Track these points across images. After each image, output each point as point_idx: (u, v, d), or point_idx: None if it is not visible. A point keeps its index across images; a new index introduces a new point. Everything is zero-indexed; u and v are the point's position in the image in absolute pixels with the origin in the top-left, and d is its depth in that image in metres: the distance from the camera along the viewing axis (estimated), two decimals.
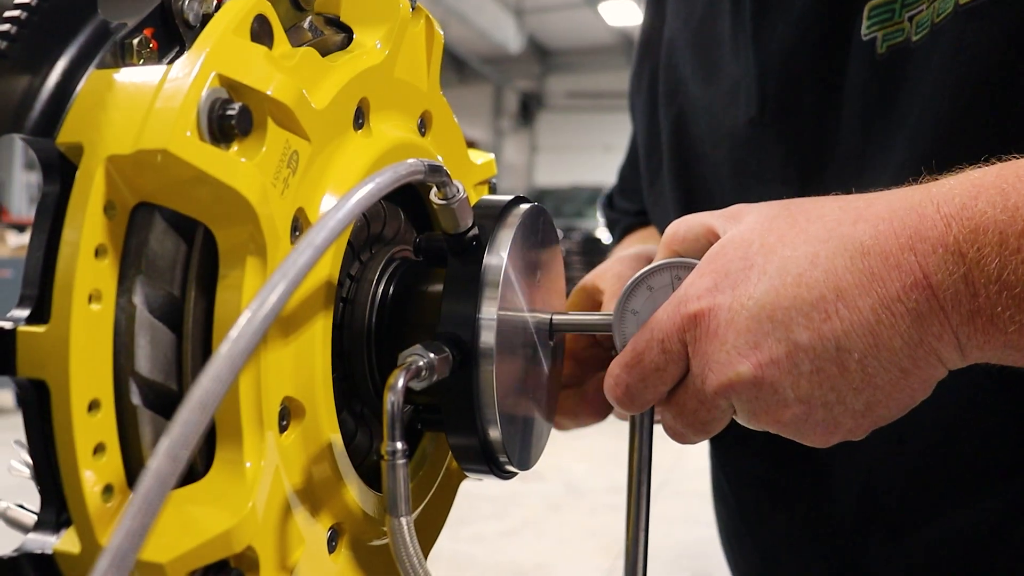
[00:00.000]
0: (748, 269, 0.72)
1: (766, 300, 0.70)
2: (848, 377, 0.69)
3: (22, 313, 0.57)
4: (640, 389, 0.76)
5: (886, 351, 0.68)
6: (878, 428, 0.74)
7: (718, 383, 0.72)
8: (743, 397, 0.72)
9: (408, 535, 0.65)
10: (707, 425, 0.76)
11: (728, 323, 0.71)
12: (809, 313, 0.69)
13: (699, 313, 0.72)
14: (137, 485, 0.41)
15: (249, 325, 0.46)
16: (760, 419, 0.73)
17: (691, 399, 0.75)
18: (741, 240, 0.75)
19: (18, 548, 0.57)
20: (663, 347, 0.74)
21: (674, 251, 0.81)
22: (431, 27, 0.82)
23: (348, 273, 0.74)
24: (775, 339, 0.70)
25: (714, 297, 0.72)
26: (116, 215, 0.58)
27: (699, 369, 0.73)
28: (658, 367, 0.75)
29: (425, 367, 0.65)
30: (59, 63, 0.60)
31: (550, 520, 5.84)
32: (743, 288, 0.71)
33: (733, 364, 0.71)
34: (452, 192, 0.69)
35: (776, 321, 0.70)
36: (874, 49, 0.97)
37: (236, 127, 0.58)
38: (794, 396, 0.70)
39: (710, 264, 0.75)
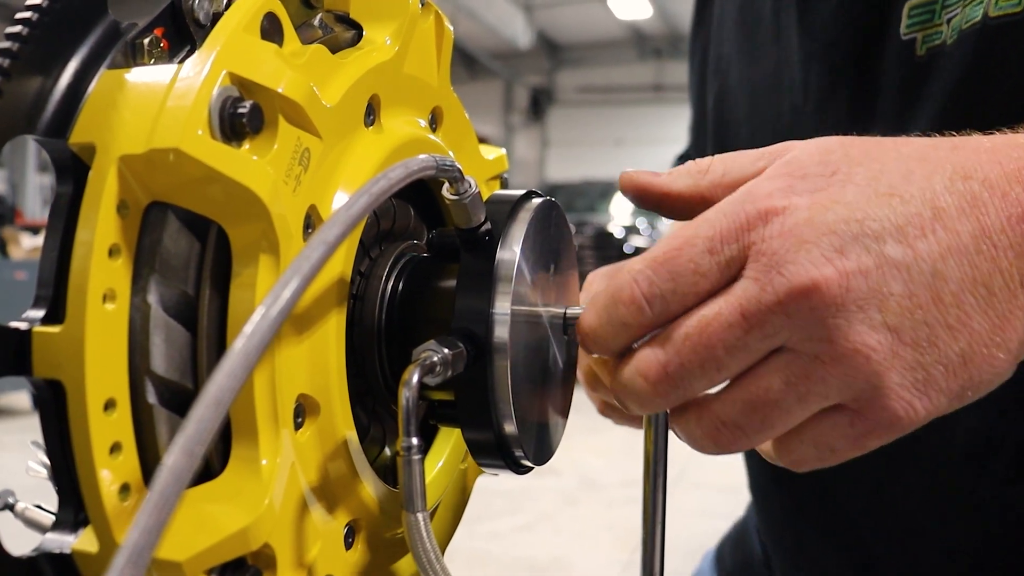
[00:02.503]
0: (831, 175, 0.62)
1: (855, 206, 0.60)
2: (942, 310, 0.59)
3: (37, 313, 0.57)
4: (663, 294, 0.62)
5: (983, 287, 0.60)
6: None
7: (788, 287, 0.58)
8: (815, 318, 0.58)
9: (425, 530, 0.65)
10: (726, 360, 0.61)
11: (808, 222, 0.60)
12: (903, 227, 0.60)
13: (771, 210, 0.61)
14: (153, 482, 0.41)
15: (263, 322, 0.46)
16: (834, 346, 0.59)
17: (729, 314, 0.60)
18: (818, 147, 0.65)
19: (36, 548, 0.58)
20: (711, 246, 0.61)
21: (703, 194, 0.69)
22: (440, 23, 0.82)
23: (359, 270, 0.74)
24: (864, 247, 0.59)
25: (790, 197, 0.61)
26: (129, 214, 0.58)
27: (760, 273, 0.59)
28: (697, 269, 0.61)
29: (439, 362, 0.65)
30: (70, 64, 0.60)
31: (566, 514, 5.85)
32: (827, 192, 0.61)
33: (814, 264, 0.58)
34: (464, 187, 0.69)
35: (866, 229, 0.59)
36: (914, 50, 0.96)
37: (248, 125, 0.58)
38: (881, 321, 0.58)
39: (781, 169, 0.64)
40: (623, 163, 1.23)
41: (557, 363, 0.81)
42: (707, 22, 1.36)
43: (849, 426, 0.62)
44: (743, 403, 0.62)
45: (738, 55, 1.24)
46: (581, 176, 17.89)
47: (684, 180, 0.69)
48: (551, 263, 0.78)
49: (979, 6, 0.89)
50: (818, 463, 0.65)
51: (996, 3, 0.88)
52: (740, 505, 1.55)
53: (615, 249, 10.70)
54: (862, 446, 0.63)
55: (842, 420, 0.62)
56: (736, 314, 0.60)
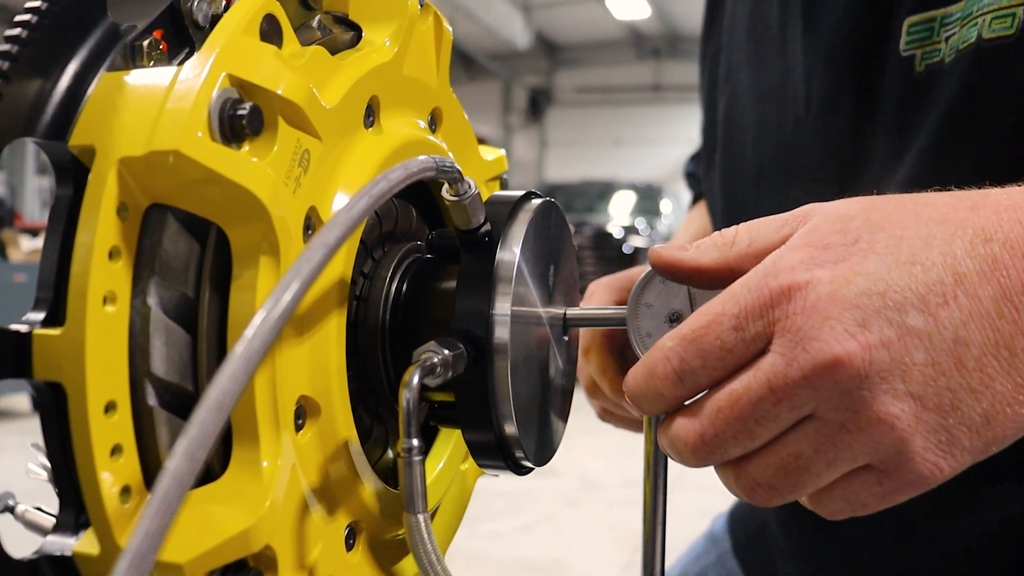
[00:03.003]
0: (852, 244, 0.63)
1: (877, 277, 0.61)
2: (965, 375, 0.61)
3: (37, 316, 0.57)
4: (693, 370, 0.64)
5: (1006, 350, 0.61)
6: None
7: (813, 363, 0.60)
8: (842, 385, 0.60)
9: (425, 531, 0.65)
10: (757, 431, 0.63)
11: (830, 297, 0.61)
12: (925, 296, 0.61)
13: (793, 286, 0.62)
14: (155, 485, 0.41)
15: (264, 324, 0.46)
16: (859, 417, 0.61)
17: (758, 389, 0.62)
18: (838, 215, 0.65)
19: (38, 550, 0.58)
20: (737, 323, 0.63)
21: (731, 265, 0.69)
22: (439, 24, 0.82)
23: (361, 271, 0.74)
24: (886, 320, 0.60)
25: (812, 270, 0.62)
26: (129, 217, 0.58)
27: (786, 349, 0.61)
28: (724, 346, 0.63)
29: (440, 364, 0.65)
30: (70, 66, 0.61)
31: (566, 515, 5.84)
32: (848, 263, 0.62)
33: (838, 340, 0.60)
34: (464, 188, 0.69)
35: (888, 300, 0.60)
36: (913, 67, 0.97)
37: (247, 127, 0.58)
38: (904, 388, 0.60)
39: (803, 239, 0.65)
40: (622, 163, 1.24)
41: (557, 364, 0.81)
42: (718, 27, 1.37)
43: (877, 484, 0.64)
44: (775, 467, 0.64)
45: (747, 62, 1.24)
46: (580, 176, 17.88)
47: (711, 254, 0.70)
48: (551, 264, 0.78)
49: (974, 28, 0.90)
50: (851, 514, 0.67)
51: (990, 25, 0.89)
52: None
53: (614, 249, 10.69)
54: (890, 501, 0.65)
55: (870, 479, 0.64)
56: (764, 388, 0.62)
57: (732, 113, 1.27)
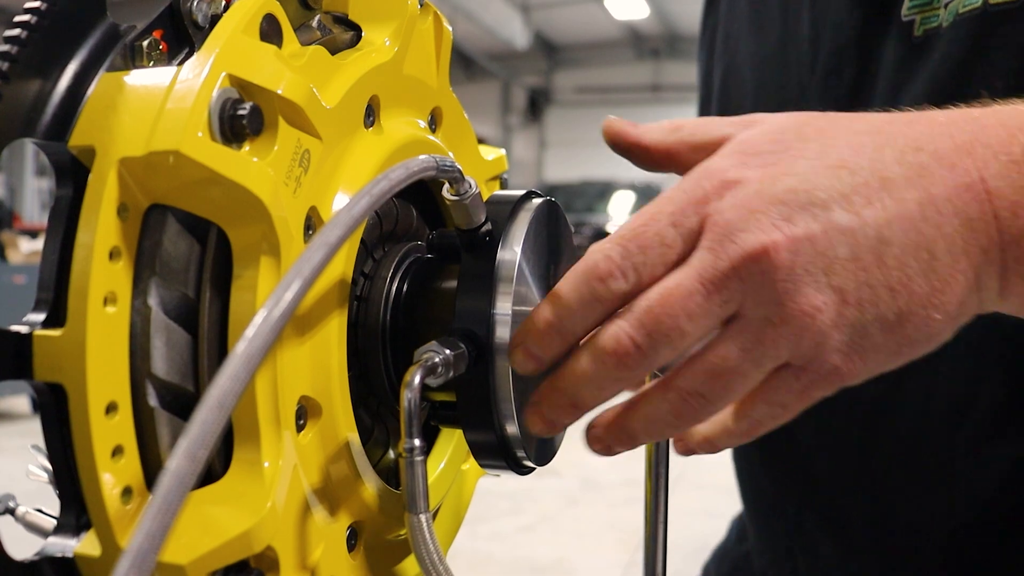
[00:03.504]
0: (783, 151, 0.65)
1: (804, 177, 0.63)
2: (885, 272, 0.63)
3: (38, 317, 0.57)
4: (635, 265, 0.64)
5: (926, 252, 0.63)
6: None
7: (742, 252, 0.61)
8: (768, 275, 0.61)
9: (427, 531, 0.65)
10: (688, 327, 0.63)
11: (758, 193, 0.63)
12: (850, 196, 0.63)
13: (724, 183, 0.64)
14: (156, 486, 0.41)
15: (265, 324, 0.46)
16: (783, 309, 0.62)
17: (689, 283, 0.62)
18: (774, 127, 0.68)
19: (39, 552, 0.58)
20: (674, 219, 0.64)
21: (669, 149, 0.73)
22: (439, 23, 0.82)
23: (362, 271, 0.74)
24: (811, 215, 0.62)
25: (742, 171, 0.64)
26: (129, 217, 0.58)
27: (715, 243, 0.62)
28: (664, 240, 0.64)
29: (441, 363, 0.65)
30: (70, 67, 0.60)
31: (567, 515, 5.85)
32: (777, 166, 0.64)
33: (764, 231, 0.62)
34: (464, 188, 0.69)
35: (814, 198, 0.62)
36: (912, 31, 1.01)
37: (247, 127, 0.58)
38: (827, 281, 0.62)
39: (736, 147, 0.67)
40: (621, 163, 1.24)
41: (558, 362, 0.80)
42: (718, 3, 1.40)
43: (795, 380, 0.65)
44: (704, 372, 0.64)
45: (748, 30, 1.27)
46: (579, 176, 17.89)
47: (654, 134, 0.74)
48: (551, 263, 0.78)
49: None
50: (772, 422, 0.68)
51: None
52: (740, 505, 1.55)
53: None
54: (808, 399, 0.66)
55: (789, 376, 0.65)
56: (695, 282, 0.62)
57: (729, 80, 1.30)
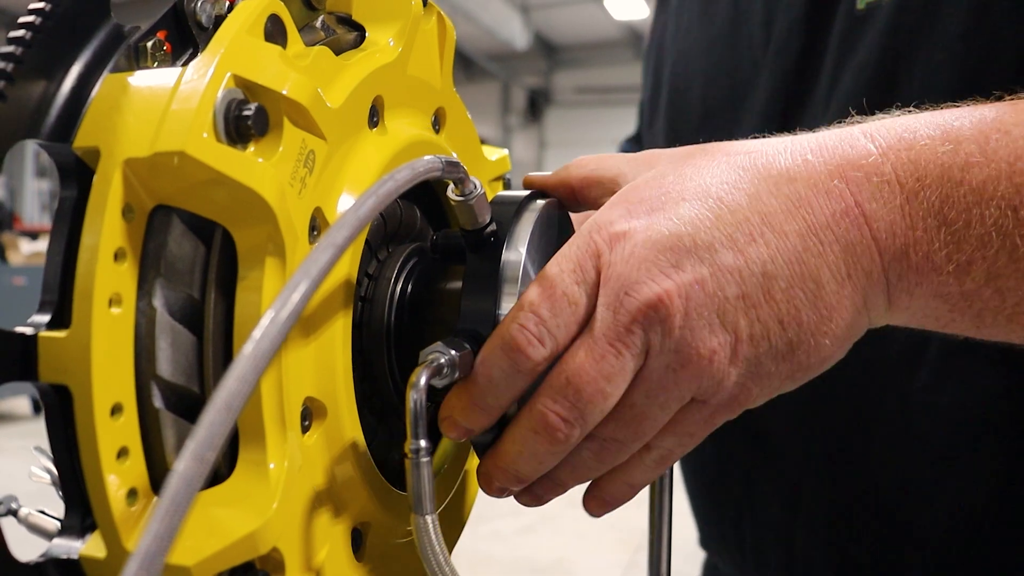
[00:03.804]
0: (664, 196, 0.67)
1: (687, 220, 0.65)
2: (773, 306, 0.65)
3: (42, 319, 0.57)
4: (550, 328, 0.65)
5: (812, 283, 0.65)
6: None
7: (638, 304, 0.63)
8: (666, 324, 0.63)
9: (434, 533, 0.65)
10: (609, 388, 0.65)
11: (645, 243, 0.64)
12: (733, 235, 0.64)
13: (614, 236, 0.65)
14: (164, 488, 0.41)
15: (273, 325, 0.46)
16: (681, 355, 0.64)
17: (599, 345, 0.64)
18: (654, 175, 0.70)
19: (44, 553, 0.57)
20: (576, 276, 0.66)
21: (570, 185, 0.77)
22: (443, 23, 0.82)
23: (366, 271, 0.74)
24: (698, 259, 0.64)
25: (629, 221, 0.66)
26: (134, 218, 0.58)
27: (612, 298, 0.64)
28: (571, 299, 0.65)
29: (447, 364, 0.65)
30: (74, 68, 0.60)
31: (567, 515, 5.84)
32: (660, 212, 0.66)
33: (656, 281, 0.63)
34: (470, 188, 0.69)
35: (699, 242, 0.64)
36: (855, 4, 1.05)
37: (253, 127, 0.58)
38: (719, 322, 0.64)
39: (621, 197, 0.69)
40: None
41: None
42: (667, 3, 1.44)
43: (698, 412, 0.68)
44: (615, 422, 0.67)
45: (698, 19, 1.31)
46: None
47: (558, 173, 0.78)
48: None
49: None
50: (681, 451, 0.71)
51: None
52: None
53: None
54: (713, 425, 0.69)
55: (693, 409, 0.68)
56: (604, 343, 0.64)
57: (679, 68, 1.33)
